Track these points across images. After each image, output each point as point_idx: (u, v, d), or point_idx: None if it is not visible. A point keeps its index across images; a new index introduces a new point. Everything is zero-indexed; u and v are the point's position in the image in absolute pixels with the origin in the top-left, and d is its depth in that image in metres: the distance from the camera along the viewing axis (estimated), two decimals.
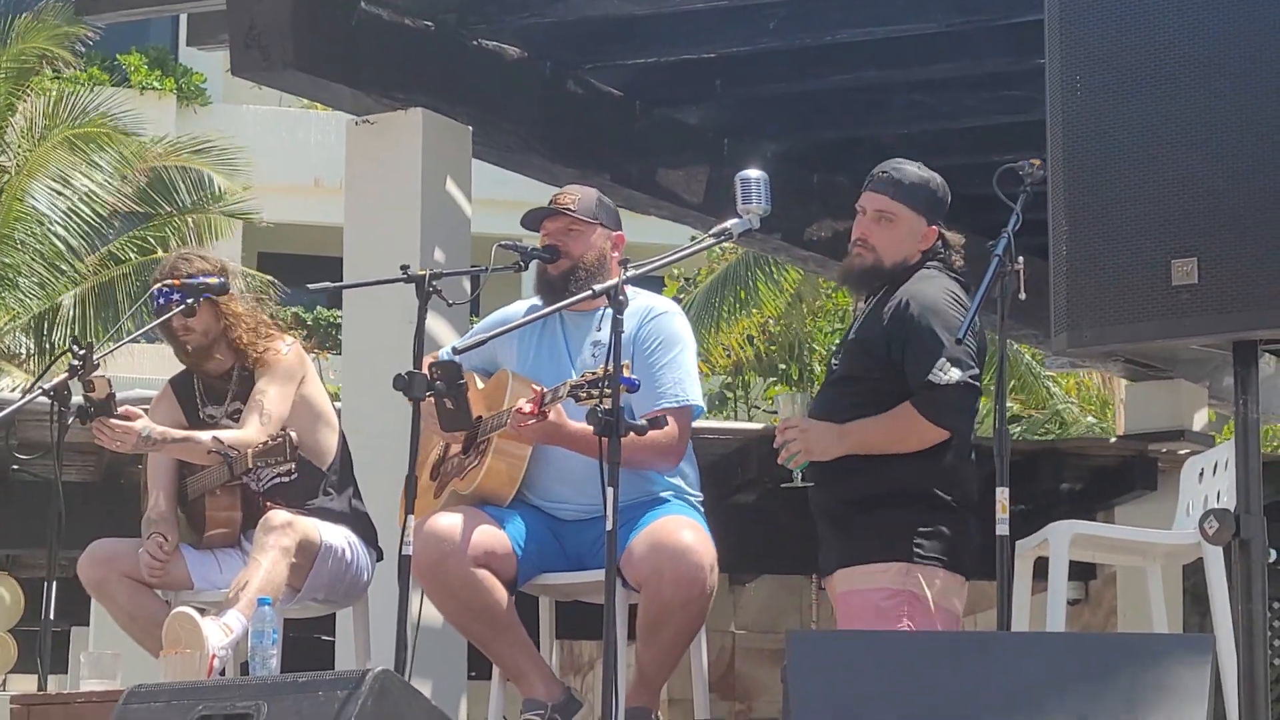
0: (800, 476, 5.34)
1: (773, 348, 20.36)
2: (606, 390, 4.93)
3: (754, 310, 19.36)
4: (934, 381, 5.19)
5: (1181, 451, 10.14)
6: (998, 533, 4.83)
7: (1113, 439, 12.34)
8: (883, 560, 5.22)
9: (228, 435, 5.89)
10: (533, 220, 5.71)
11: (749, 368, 20.56)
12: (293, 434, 5.81)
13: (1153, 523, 6.91)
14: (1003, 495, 4.83)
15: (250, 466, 5.85)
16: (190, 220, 18.15)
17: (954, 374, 5.19)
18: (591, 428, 4.94)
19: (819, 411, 5.40)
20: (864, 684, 3.97)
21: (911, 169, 5.54)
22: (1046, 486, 10.80)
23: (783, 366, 20.61)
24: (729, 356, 20.16)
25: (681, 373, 5.56)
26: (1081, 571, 11.40)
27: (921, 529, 5.22)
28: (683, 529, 5.35)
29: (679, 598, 5.27)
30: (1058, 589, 5.20)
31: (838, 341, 5.68)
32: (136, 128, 18.70)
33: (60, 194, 17.58)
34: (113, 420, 5.76)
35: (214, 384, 6.18)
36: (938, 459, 5.27)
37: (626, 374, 4.95)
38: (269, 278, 17.72)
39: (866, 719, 3.91)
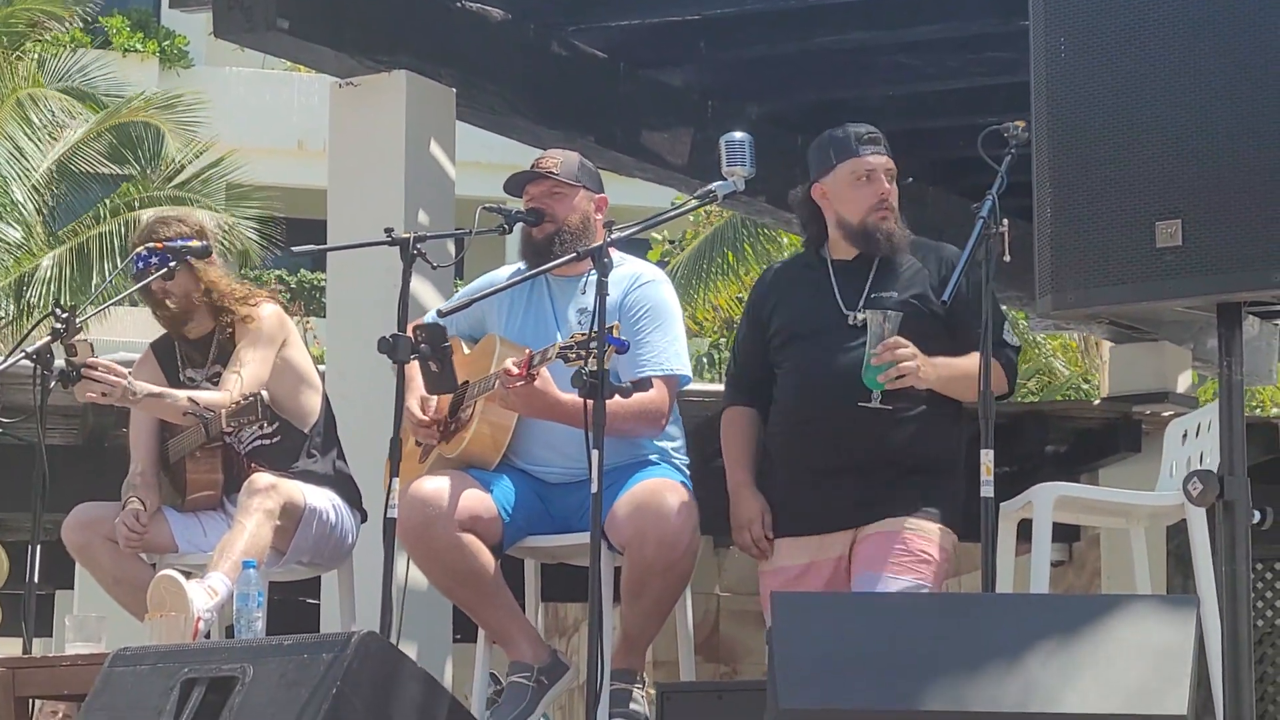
0: (879, 397, 5.18)
1: None
2: (596, 352, 4.93)
3: (743, 274, 19.36)
4: (1008, 341, 5.29)
5: (1165, 413, 10.15)
6: (982, 495, 4.84)
7: (1096, 401, 12.35)
8: (944, 524, 5.28)
9: (204, 396, 5.88)
10: (516, 184, 5.70)
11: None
12: (264, 393, 5.80)
13: (1136, 484, 6.91)
14: (987, 457, 4.85)
15: (225, 427, 5.84)
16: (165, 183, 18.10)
17: (1014, 339, 5.32)
18: (578, 398, 4.94)
19: (850, 365, 5.27)
20: (849, 645, 3.98)
21: (859, 125, 5.54)
22: (1030, 449, 10.81)
23: None
24: (718, 315, 20.13)
25: (666, 341, 5.55)
26: (1065, 533, 11.42)
27: (961, 498, 5.32)
28: (666, 491, 5.36)
29: (662, 560, 5.28)
30: (1041, 551, 5.21)
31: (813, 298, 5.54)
32: (118, 90, 18.65)
33: (17, 159, 17.52)
34: (99, 371, 5.72)
35: (194, 347, 6.17)
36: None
37: (616, 335, 4.94)
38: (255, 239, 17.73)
39: (851, 680, 3.92)
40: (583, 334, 5.04)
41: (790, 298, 5.56)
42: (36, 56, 18.45)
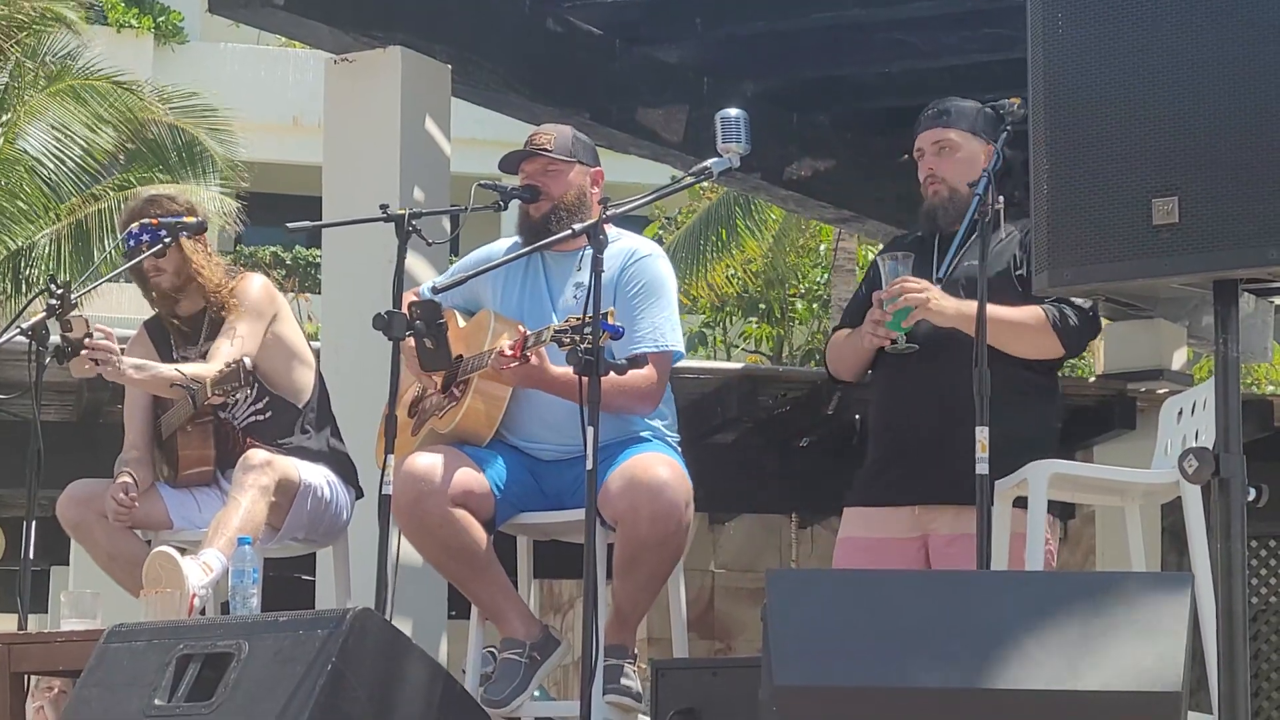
0: (904, 339, 5.15)
1: (756, 285, 20.32)
2: (589, 337, 4.93)
3: (735, 250, 19.35)
4: (1085, 307, 5.22)
5: (1160, 391, 10.14)
6: (977, 472, 4.84)
7: (1092, 378, 12.35)
8: (1052, 514, 5.33)
9: (189, 368, 5.88)
10: (510, 163, 5.70)
11: (732, 305, 20.52)
12: (247, 360, 5.78)
13: (1131, 462, 6.91)
14: (982, 434, 4.84)
15: (210, 396, 5.81)
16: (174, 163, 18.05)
17: (1086, 301, 5.19)
18: (572, 371, 4.94)
19: (930, 336, 5.23)
20: (844, 622, 3.98)
21: (957, 99, 5.48)
22: None
23: (763, 306, 20.58)
24: (713, 293, 20.13)
25: (662, 317, 5.55)
26: (1060, 511, 11.40)
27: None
28: (658, 466, 5.35)
29: (655, 534, 5.28)
30: (1036, 528, 5.21)
31: (881, 268, 5.43)
32: (115, 68, 18.60)
33: (52, 141, 17.50)
34: (100, 340, 5.71)
35: (186, 326, 6.17)
36: None
37: (611, 321, 4.94)
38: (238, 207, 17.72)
39: (846, 657, 3.92)
40: (577, 318, 5.04)
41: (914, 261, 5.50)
42: (29, 32, 18.36)
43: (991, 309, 5.05)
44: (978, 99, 5.43)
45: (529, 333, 5.26)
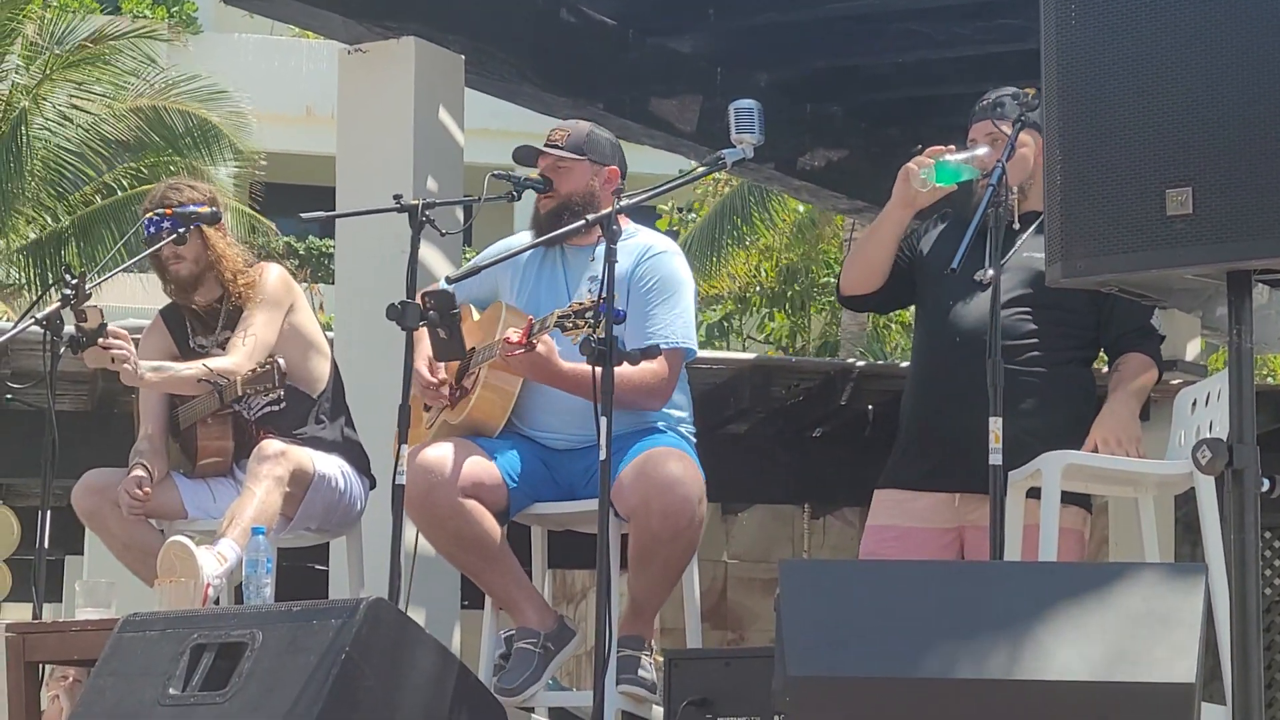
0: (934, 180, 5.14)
1: (771, 275, 20.24)
2: (592, 321, 4.93)
3: (752, 242, 19.28)
4: (1156, 328, 5.40)
5: (1174, 382, 10.13)
6: (990, 462, 4.84)
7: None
8: (1082, 505, 5.45)
9: (216, 363, 5.90)
10: (524, 157, 5.68)
11: (756, 297, 20.43)
12: (281, 361, 5.81)
13: (1145, 453, 6.91)
14: (996, 425, 4.84)
15: (240, 394, 5.85)
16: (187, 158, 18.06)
17: (1155, 319, 5.39)
18: (582, 366, 4.94)
19: (979, 324, 5.20)
20: (857, 613, 3.98)
21: (1013, 90, 5.37)
22: None
23: (788, 294, 20.46)
24: (734, 282, 20.05)
25: (674, 314, 5.54)
26: (1073, 501, 11.38)
27: None
28: (670, 460, 5.35)
29: (668, 529, 5.28)
30: (1050, 519, 5.21)
31: (930, 247, 5.49)
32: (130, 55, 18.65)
33: (64, 123, 17.52)
34: (119, 341, 5.71)
35: (203, 314, 6.17)
36: None
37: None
38: (269, 223, 17.71)
39: (859, 648, 3.92)
40: (579, 303, 5.04)
41: (947, 238, 5.49)
42: (43, 19, 18.38)
43: (1126, 380, 5.36)
44: (992, 90, 5.41)
45: (535, 320, 5.27)
